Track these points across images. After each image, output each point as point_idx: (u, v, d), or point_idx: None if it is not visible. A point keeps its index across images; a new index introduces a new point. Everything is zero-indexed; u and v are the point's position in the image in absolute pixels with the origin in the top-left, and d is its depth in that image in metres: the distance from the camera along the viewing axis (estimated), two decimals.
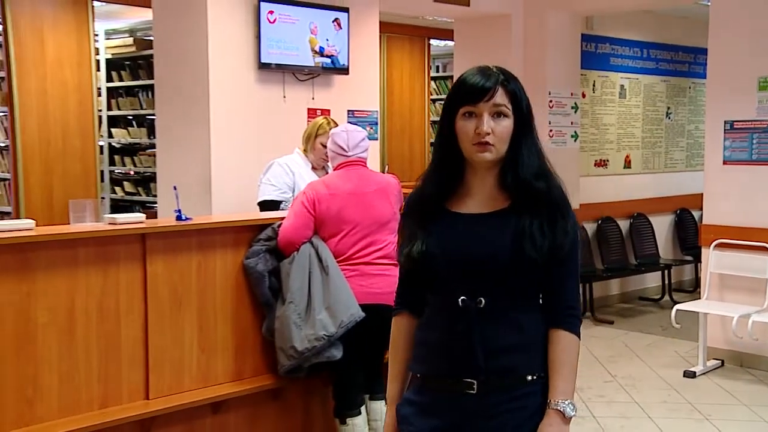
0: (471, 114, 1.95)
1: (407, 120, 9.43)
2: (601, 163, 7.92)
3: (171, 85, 5.28)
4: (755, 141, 5.77)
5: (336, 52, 5.50)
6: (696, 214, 8.44)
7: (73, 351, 3.13)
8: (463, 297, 1.94)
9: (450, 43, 8.84)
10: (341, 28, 5.52)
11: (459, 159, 1.99)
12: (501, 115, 1.95)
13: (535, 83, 6.95)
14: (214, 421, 3.53)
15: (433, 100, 9.91)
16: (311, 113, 5.41)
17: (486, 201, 2.00)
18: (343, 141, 3.75)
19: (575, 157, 7.21)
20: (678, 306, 5.81)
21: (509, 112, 1.96)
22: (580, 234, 2.07)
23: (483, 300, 1.93)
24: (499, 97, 1.95)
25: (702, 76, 8.42)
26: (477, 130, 1.93)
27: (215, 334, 3.52)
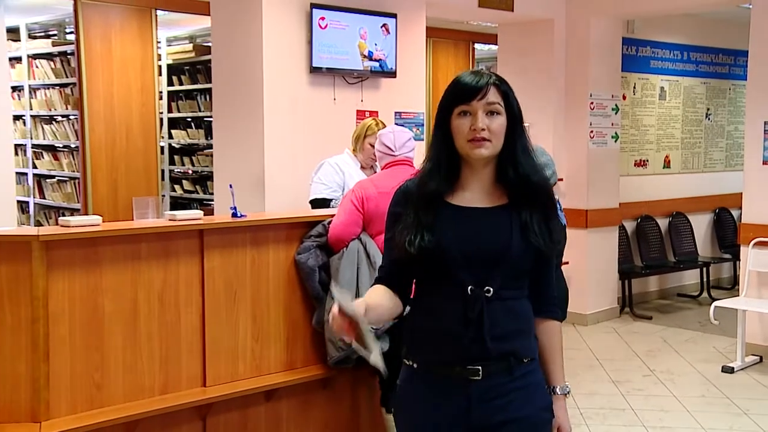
0: (466, 113, 1.96)
1: None
2: (641, 163, 7.80)
3: (228, 89, 5.33)
4: None
5: (384, 56, 5.49)
6: (735, 213, 8.28)
7: (136, 340, 3.18)
8: (472, 286, 1.95)
9: (493, 47, 8.77)
10: (389, 33, 5.51)
11: (455, 158, 2.01)
12: (494, 113, 1.97)
13: (577, 86, 6.89)
14: (267, 408, 3.56)
15: None
16: (360, 115, 5.41)
17: (485, 196, 2.03)
18: (390, 141, 3.74)
19: (615, 158, 7.11)
20: (717, 303, 5.69)
21: (502, 110, 1.98)
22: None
23: (491, 289, 1.95)
24: (492, 96, 1.97)
25: (742, 78, 8.23)
26: (472, 126, 1.95)
27: (268, 325, 3.54)
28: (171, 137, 8.15)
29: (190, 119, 8.12)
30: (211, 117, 5.85)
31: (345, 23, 5.28)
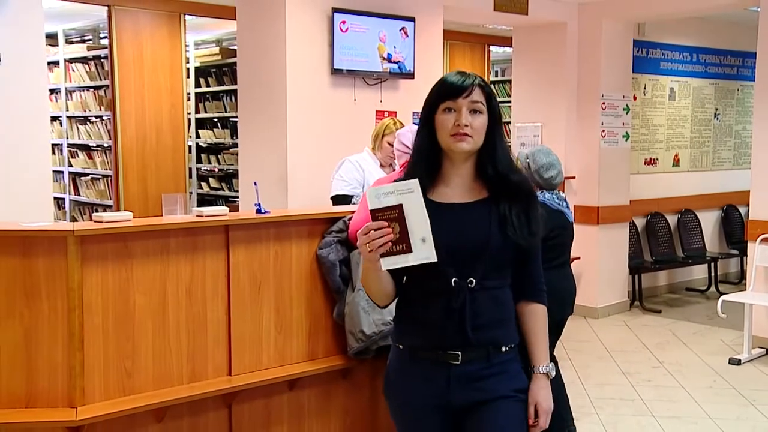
0: (451, 109, 2.02)
1: None
2: (651, 162, 7.75)
3: (252, 90, 5.34)
4: None
5: (402, 58, 5.48)
6: (742, 210, 8.20)
7: (165, 330, 3.19)
8: (455, 278, 2.00)
9: (508, 50, 8.73)
10: (408, 36, 5.50)
11: (437, 151, 2.06)
12: (477, 112, 2.02)
13: (589, 86, 6.85)
14: (290, 397, 3.56)
15: None
16: (379, 115, 5.41)
17: (465, 191, 2.08)
18: (408, 140, 3.72)
19: (626, 156, 7.06)
20: (724, 297, 5.64)
21: (484, 109, 2.03)
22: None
23: (473, 280, 2.00)
24: (476, 95, 2.02)
25: (750, 78, 8.15)
26: (456, 122, 2.00)
27: (291, 317, 3.54)
28: (198, 137, 8.19)
29: (216, 119, 8.16)
30: (237, 117, 5.87)
31: (365, 27, 5.27)
